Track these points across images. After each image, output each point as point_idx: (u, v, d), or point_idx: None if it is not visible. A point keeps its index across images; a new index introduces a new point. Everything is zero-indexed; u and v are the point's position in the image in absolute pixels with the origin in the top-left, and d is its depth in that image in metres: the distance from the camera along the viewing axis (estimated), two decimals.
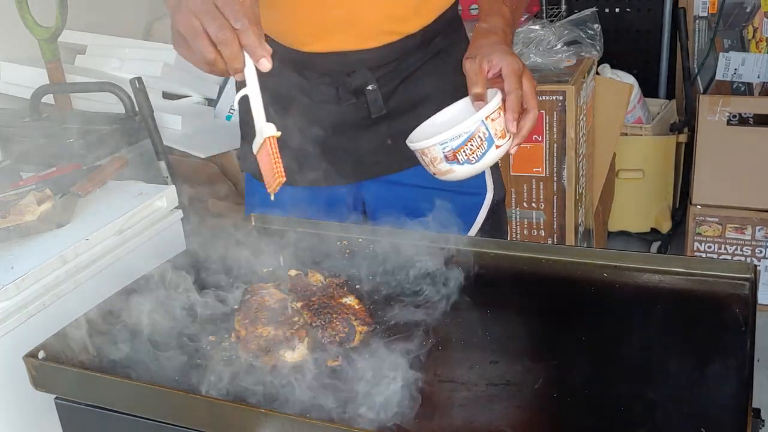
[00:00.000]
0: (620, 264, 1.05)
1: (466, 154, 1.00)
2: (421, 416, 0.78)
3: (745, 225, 2.60)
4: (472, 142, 1.00)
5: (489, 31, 1.11)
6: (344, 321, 0.92)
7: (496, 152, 1.02)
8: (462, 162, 1.01)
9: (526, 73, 1.05)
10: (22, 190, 1.36)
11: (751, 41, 2.93)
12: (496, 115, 1.01)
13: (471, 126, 0.99)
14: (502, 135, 1.02)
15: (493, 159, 1.02)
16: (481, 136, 1.00)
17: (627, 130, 2.91)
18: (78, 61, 2.45)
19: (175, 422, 0.82)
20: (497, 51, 1.06)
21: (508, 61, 1.04)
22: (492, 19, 1.13)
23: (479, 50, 1.07)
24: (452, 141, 1.00)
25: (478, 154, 1.01)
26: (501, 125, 1.01)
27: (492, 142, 1.01)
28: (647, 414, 0.76)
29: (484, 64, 1.05)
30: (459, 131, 0.99)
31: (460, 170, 1.02)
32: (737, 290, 0.97)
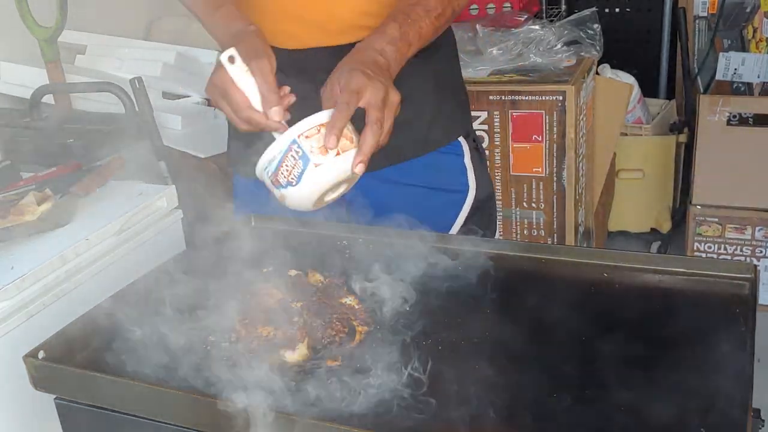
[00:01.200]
0: (620, 264, 1.05)
1: (284, 175, 0.95)
2: (421, 416, 0.78)
3: (745, 225, 2.60)
4: (287, 161, 0.95)
5: (358, 50, 1.07)
6: (344, 321, 0.92)
7: (316, 171, 0.94)
8: (285, 185, 0.96)
9: (371, 88, 0.98)
10: (22, 190, 1.36)
11: (751, 41, 2.93)
12: (314, 131, 0.95)
13: (282, 145, 0.95)
14: (322, 152, 0.95)
15: (319, 178, 0.95)
16: (294, 155, 0.94)
17: (627, 130, 2.91)
18: (78, 61, 2.45)
19: (175, 422, 0.82)
20: (345, 70, 1.01)
21: (346, 79, 0.99)
22: (370, 37, 1.08)
23: (334, 73, 1.03)
24: (270, 164, 0.96)
25: (296, 174, 0.95)
26: (320, 142, 0.95)
27: (308, 160, 0.94)
28: (647, 414, 0.76)
29: (335, 87, 1.00)
30: (273, 153, 0.95)
31: (289, 195, 0.97)
32: (737, 290, 0.97)
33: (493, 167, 2.35)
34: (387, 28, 1.08)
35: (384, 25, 1.09)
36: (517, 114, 2.27)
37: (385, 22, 1.09)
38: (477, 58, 2.38)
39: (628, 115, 2.89)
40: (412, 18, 1.10)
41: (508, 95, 2.26)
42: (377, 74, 1.01)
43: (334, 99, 0.99)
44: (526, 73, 2.31)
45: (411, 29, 1.09)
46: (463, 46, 2.43)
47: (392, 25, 1.08)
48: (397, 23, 1.08)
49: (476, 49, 2.41)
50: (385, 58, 1.05)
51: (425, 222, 1.21)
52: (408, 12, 1.10)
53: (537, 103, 2.24)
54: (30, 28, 2.02)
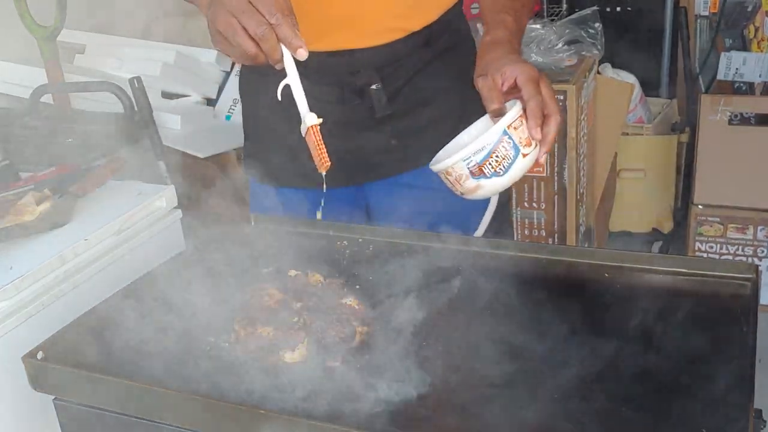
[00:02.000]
0: (621, 264, 1.05)
1: (492, 166, 0.98)
2: (422, 417, 0.77)
3: (747, 225, 2.59)
4: (497, 153, 0.97)
5: (494, 44, 1.09)
6: (344, 321, 0.92)
7: (523, 161, 0.99)
8: (489, 175, 0.98)
9: (543, 78, 1.02)
10: (22, 190, 1.35)
11: (753, 41, 2.93)
12: (519, 123, 0.98)
13: (493, 137, 0.97)
14: (527, 143, 0.99)
15: (522, 168, 0.99)
16: (506, 146, 0.97)
17: (628, 130, 2.91)
18: (77, 61, 2.45)
19: (174, 422, 0.82)
20: (508, 62, 1.03)
21: (521, 69, 1.01)
22: (496, 31, 1.11)
23: (489, 65, 1.05)
24: (476, 155, 0.97)
25: (505, 165, 0.98)
26: (525, 133, 0.98)
27: (518, 150, 0.98)
28: (648, 414, 0.76)
29: (497, 78, 1.02)
30: (482, 143, 0.97)
31: (488, 184, 0.99)
32: (739, 290, 0.97)
33: None
34: (507, 22, 1.12)
35: (502, 19, 1.12)
36: None
37: (501, 16, 1.13)
38: None
39: (630, 115, 2.89)
40: (518, 13, 1.15)
41: None
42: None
43: (498, 89, 1.02)
44: None
45: (519, 23, 1.15)
46: None
47: (509, 18, 1.12)
48: (511, 17, 1.12)
49: None
50: (515, 49, 1.09)
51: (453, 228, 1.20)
52: (513, 7, 1.15)
53: None
54: (29, 27, 2.02)
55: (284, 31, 0.92)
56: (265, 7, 0.91)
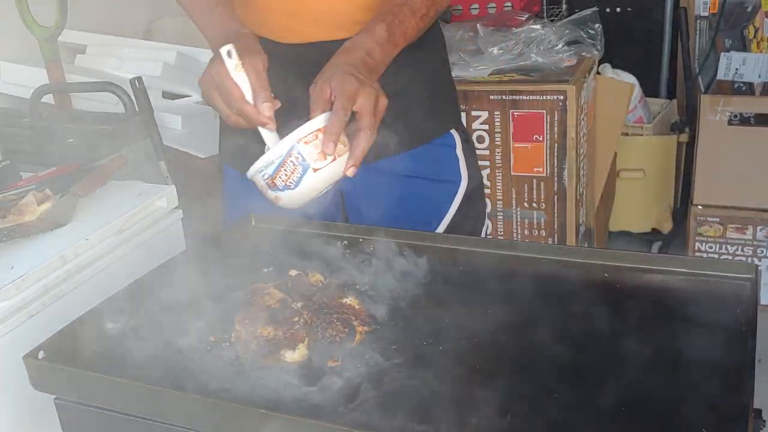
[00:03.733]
0: (621, 264, 1.05)
1: (282, 179, 0.98)
2: (422, 416, 0.78)
3: (747, 225, 2.60)
4: (285, 166, 0.97)
5: (345, 50, 1.07)
6: (344, 321, 0.92)
7: (315, 176, 0.97)
8: (282, 188, 0.98)
9: (364, 92, 0.99)
10: (22, 190, 1.36)
11: (752, 41, 2.93)
12: (312, 137, 0.97)
13: (282, 150, 0.97)
14: (321, 158, 0.97)
15: (317, 182, 0.98)
16: (294, 160, 0.97)
17: (628, 130, 2.91)
18: (78, 61, 2.45)
19: (175, 422, 0.82)
20: (338, 72, 1.01)
21: (339, 82, 0.99)
22: (358, 37, 1.09)
23: (323, 73, 1.03)
24: (267, 168, 0.98)
25: (294, 178, 0.97)
26: (318, 147, 0.97)
27: (307, 165, 0.97)
28: (648, 414, 0.76)
29: (325, 88, 1.00)
30: (271, 157, 0.97)
31: (284, 197, 0.99)
32: (738, 290, 0.97)
33: (494, 167, 2.34)
34: (376, 28, 1.09)
35: (372, 25, 1.10)
36: (518, 114, 2.26)
37: (373, 21, 1.10)
38: (478, 57, 2.38)
39: (629, 115, 2.89)
40: (399, 19, 1.11)
41: (509, 95, 2.26)
42: (367, 78, 1.02)
43: (324, 99, 1.00)
44: (527, 72, 2.31)
45: (398, 30, 1.11)
46: (464, 45, 2.43)
47: (381, 25, 1.09)
48: (385, 24, 1.09)
49: (477, 49, 2.41)
50: (373, 59, 1.06)
51: (419, 211, 1.23)
52: (396, 12, 1.12)
53: (538, 103, 2.23)
54: (30, 27, 2.02)
55: (246, 115, 1.02)
56: (227, 100, 1.03)
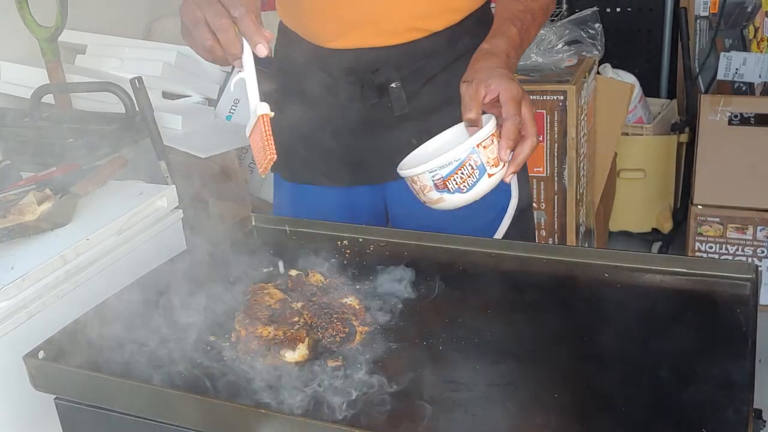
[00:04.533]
0: (621, 264, 1.05)
1: (456, 182, 0.95)
2: (422, 416, 0.78)
3: (747, 225, 2.59)
4: (463, 170, 0.95)
5: (490, 54, 1.06)
6: (344, 321, 0.92)
7: (488, 181, 0.96)
8: (453, 191, 0.96)
9: (526, 99, 1.00)
10: (22, 190, 1.35)
11: (752, 41, 2.93)
12: (489, 142, 0.95)
13: (461, 153, 0.94)
14: (495, 163, 0.96)
15: (486, 188, 0.97)
16: (472, 164, 0.95)
17: (628, 130, 2.91)
18: (78, 61, 2.45)
19: (175, 422, 0.82)
20: (495, 75, 1.00)
21: (506, 87, 0.98)
22: (496, 41, 1.08)
23: (477, 74, 1.02)
24: (442, 169, 0.95)
25: (470, 182, 0.96)
26: (494, 153, 0.96)
27: (484, 170, 0.95)
28: (648, 414, 0.76)
29: (480, 89, 0.99)
30: (449, 159, 0.95)
31: (450, 199, 0.97)
32: (738, 290, 0.97)
33: None
34: (510, 33, 1.08)
35: (506, 28, 1.09)
36: None
37: (506, 25, 1.10)
38: None
39: (629, 115, 2.88)
40: (526, 25, 1.11)
41: None
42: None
43: (479, 101, 0.99)
44: (527, 72, 2.31)
45: (525, 35, 1.11)
46: None
47: (513, 29, 1.09)
48: (516, 28, 1.09)
49: None
50: (511, 63, 1.06)
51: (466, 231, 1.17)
52: (522, 18, 1.12)
53: (538, 103, 2.23)
54: (30, 27, 2.02)
55: (246, 25, 0.90)
56: (230, 2, 0.90)
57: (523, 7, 1.13)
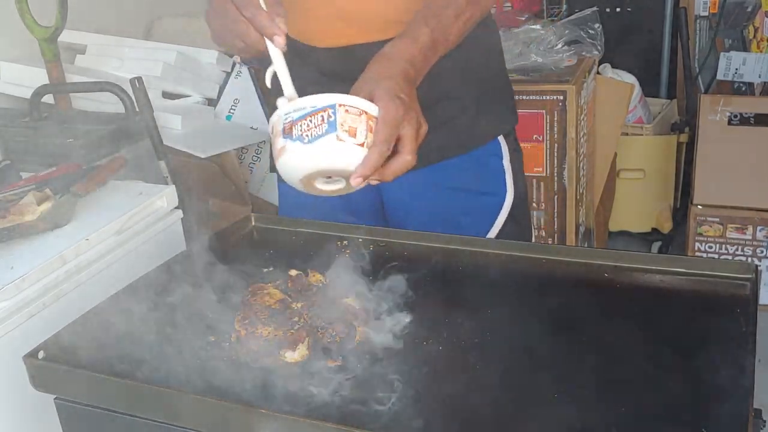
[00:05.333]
0: (621, 264, 1.05)
1: (301, 129, 0.87)
2: (422, 416, 0.78)
3: (746, 225, 2.60)
4: (314, 118, 0.86)
5: (386, 59, 0.98)
6: (345, 321, 0.92)
7: (335, 143, 0.86)
8: (294, 138, 0.87)
9: (408, 118, 0.91)
10: (22, 190, 1.35)
11: (752, 41, 2.93)
12: (356, 112, 0.88)
13: (319, 101, 0.87)
14: (351, 132, 0.87)
15: (329, 150, 0.86)
16: (325, 116, 0.86)
17: (628, 130, 2.91)
18: (78, 61, 2.45)
19: (174, 422, 0.82)
20: (378, 91, 0.91)
21: (385, 109, 0.90)
22: (400, 43, 0.99)
23: (363, 85, 0.94)
24: (294, 112, 0.88)
25: (314, 133, 0.86)
26: (355, 124, 0.87)
27: (334, 129, 0.86)
28: (648, 414, 0.76)
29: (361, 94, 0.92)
30: (306, 103, 0.88)
31: (291, 148, 0.87)
32: (738, 290, 0.97)
33: None
34: (419, 34, 1.01)
35: (415, 28, 1.02)
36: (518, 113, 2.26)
37: (417, 24, 1.02)
38: None
39: (629, 115, 2.89)
40: (443, 23, 1.03)
41: None
42: (409, 94, 0.94)
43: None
44: (526, 72, 2.31)
45: (441, 35, 1.03)
46: None
47: (424, 30, 1.01)
48: (429, 28, 1.01)
49: None
50: (414, 69, 0.98)
51: (461, 227, 1.16)
52: (439, 15, 1.04)
53: (538, 103, 2.23)
54: (30, 27, 2.02)
55: (258, 22, 0.92)
56: (241, 4, 0.93)
57: (444, 2, 1.05)
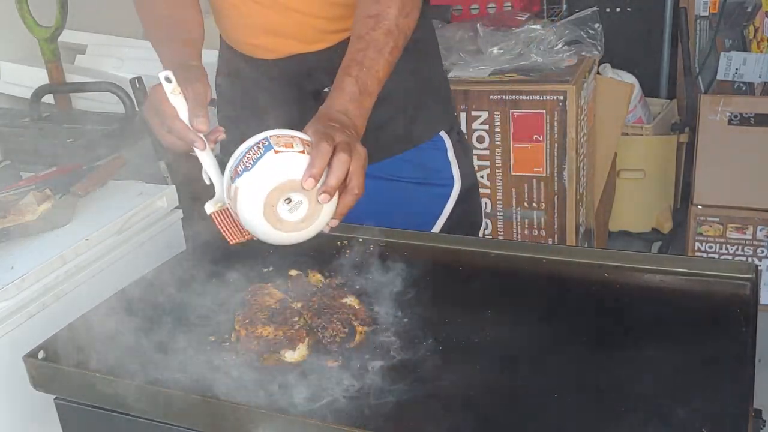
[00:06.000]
0: (621, 264, 1.05)
1: (243, 164, 0.91)
2: (422, 416, 0.78)
3: (747, 225, 2.59)
4: (249, 152, 0.91)
5: (318, 116, 1.00)
6: (344, 321, 0.92)
7: (275, 156, 0.89)
8: (241, 173, 0.91)
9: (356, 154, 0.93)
10: (22, 190, 1.35)
11: (752, 41, 2.93)
12: (288, 135, 0.92)
13: (250, 141, 0.92)
14: (288, 146, 0.90)
15: (272, 163, 0.89)
16: (260, 145, 0.91)
17: (628, 130, 2.91)
18: (78, 61, 2.45)
19: (175, 422, 0.82)
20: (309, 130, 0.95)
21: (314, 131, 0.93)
22: (328, 99, 1.02)
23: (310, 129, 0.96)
24: (234, 161, 0.92)
25: (254, 158, 0.90)
26: (290, 141, 0.91)
27: (270, 147, 0.90)
28: (648, 414, 0.76)
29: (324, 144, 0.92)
30: (238, 150, 0.93)
31: (239, 183, 0.90)
32: (738, 290, 0.97)
33: (494, 167, 2.34)
34: (344, 85, 1.02)
35: (340, 81, 1.03)
36: (518, 114, 2.26)
37: (340, 77, 1.03)
38: (478, 57, 2.38)
39: (629, 115, 2.88)
40: (367, 66, 1.04)
41: (509, 95, 2.25)
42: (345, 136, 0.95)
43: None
44: (526, 72, 2.31)
45: (368, 78, 1.03)
46: (464, 45, 2.43)
47: (348, 80, 1.02)
48: (352, 77, 1.02)
49: (477, 49, 2.41)
50: (349, 117, 1.00)
51: (411, 215, 1.22)
52: (361, 60, 1.04)
53: (538, 103, 2.23)
54: (30, 28, 2.02)
55: (177, 133, 1.00)
56: (163, 116, 1.00)
57: (363, 44, 1.06)
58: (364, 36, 1.07)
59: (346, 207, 0.95)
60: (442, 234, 1.21)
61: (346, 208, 0.95)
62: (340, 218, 0.96)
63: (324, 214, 0.94)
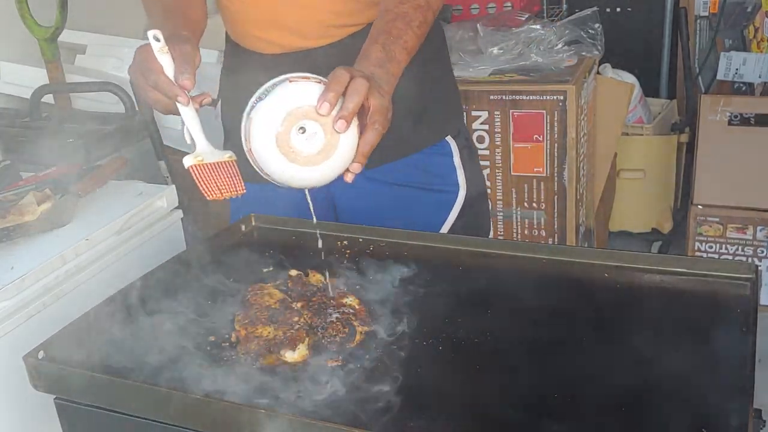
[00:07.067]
0: (621, 264, 1.05)
1: (259, 96, 0.90)
2: (421, 417, 0.78)
3: (747, 225, 2.59)
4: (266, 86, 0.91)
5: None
6: (344, 321, 0.92)
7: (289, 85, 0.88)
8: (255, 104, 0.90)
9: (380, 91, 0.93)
10: (22, 190, 1.36)
11: (752, 41, 2.93)
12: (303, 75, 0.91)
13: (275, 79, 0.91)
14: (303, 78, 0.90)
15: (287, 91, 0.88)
16: (276, 81, 0.90)
17: (628, 130, 2.91)
18: (78, 61, 2.45)
19: (175, 422, 0.82)
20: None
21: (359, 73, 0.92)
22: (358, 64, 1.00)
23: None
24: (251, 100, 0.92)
25: (268, 90, 0.90)
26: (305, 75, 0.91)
27: (285, 80, 0.89)
28: (648, 414, 0.76)
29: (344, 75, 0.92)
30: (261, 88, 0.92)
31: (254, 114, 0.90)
32: (738, 290, 0.97)
33: (494, 167, 2.34)
34: (370, 52, 1.01)
35: (366, 49, 1.02)
36: (518, 114, 2.26)
37: (367, 45, 1.03)
38: (478, 57, 2.38)
39: (629, 115, 2.89)
40: (394, 35, 1.04)
41: (509, 95, 2.25)
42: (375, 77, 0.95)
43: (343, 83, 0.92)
44: (527, 72, 2.31)
45: (396, 46, 1.03)
46: (464, 45, 2.43)
47: (375, 47, 1.02)
48: (379, 44, 1.02)
49: (477, 49, 2.41)
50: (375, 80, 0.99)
51: (415, 222, 1.20)
52: (389, 30, 1.04)
53: (538, 103, 2.23)
54: (30, 28, 2.02)
55: (161, 88, 0.98)
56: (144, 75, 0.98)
57: (392, 15, 1.06)
58: (392, 9, 1.06)
59: (368, 145, 0.91)
60: (443, 234, 1.21)
61: (368, 146, 0.91)
62: (363, 160, 0.91)
63: (342, 149, 0.89)
